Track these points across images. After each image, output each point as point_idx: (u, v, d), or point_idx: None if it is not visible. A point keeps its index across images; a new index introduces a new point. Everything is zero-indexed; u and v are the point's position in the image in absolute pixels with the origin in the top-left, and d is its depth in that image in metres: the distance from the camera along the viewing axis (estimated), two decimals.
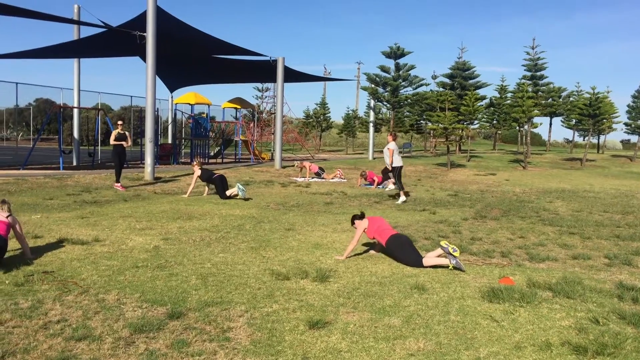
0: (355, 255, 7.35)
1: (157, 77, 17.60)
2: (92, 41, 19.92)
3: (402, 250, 6.88)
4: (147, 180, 16.47)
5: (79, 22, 20.30)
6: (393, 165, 13.89)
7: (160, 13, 16.95)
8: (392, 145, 14.00)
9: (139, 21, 17.20)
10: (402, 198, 13.55)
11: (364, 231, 7.27)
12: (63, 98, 24.69)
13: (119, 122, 14.95)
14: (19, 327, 4.33)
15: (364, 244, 8.01)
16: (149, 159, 16.97)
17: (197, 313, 4.79)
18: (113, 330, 4.34)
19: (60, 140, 21.26)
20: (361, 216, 7.46)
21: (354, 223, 7.48)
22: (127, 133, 14.97)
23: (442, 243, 6.72)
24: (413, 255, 6.82)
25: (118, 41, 19.10)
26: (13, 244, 6.87)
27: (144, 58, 17.58)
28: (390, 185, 13.71)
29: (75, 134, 23.55)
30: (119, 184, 14.57)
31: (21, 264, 6.22)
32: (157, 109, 20.32)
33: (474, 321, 4.78)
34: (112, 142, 14.82)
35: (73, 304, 4.93)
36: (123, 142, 14.80)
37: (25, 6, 14.95)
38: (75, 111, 23.30)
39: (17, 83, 21.50)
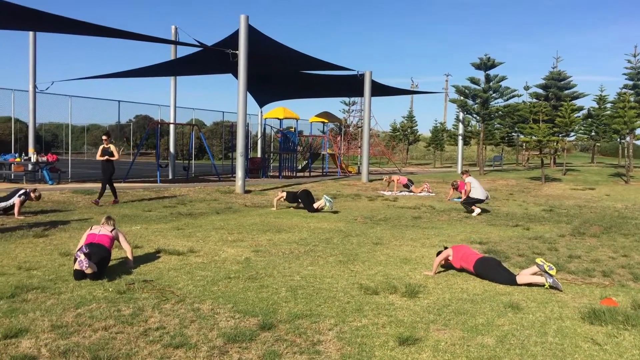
0: (444, 271, 7.20)
1: (247, 92, 18.14)
2: (188, 60, 20.89)
3: (492, 270, 6.67)
4: (238, 193, 16.95)
5: (176, 42, 21.35)
6: (473, 196, 13.90)
7: (251, 31, 17.50)
8: (469, 179, 14.27)
9: (232, 40, 17.84)
10: (477, 210, 13.69)
11: (449, 259, 7.15)
12: (160, 114, 25.97)
13: (104, 137, 14.01)
14: (122, 333, 4.57)
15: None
16: (239, 173, 17.49)
17: (287, 325, 4.86)
18: (208, 339, 4.48)
19: (157, 154, 22.40)
20: (444, 249, 7.36)
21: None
22: (112, 147, 13.92)
23: (538, 260, 6.45)
24: (505, 273, 6.60)
25: (212, 59, 19.92)
26: (117, 253, 7.28)
27: (235, 75, 18.21)
28: (477, 210, 13.68)
29: (171, 149, 24.67)
30: (98, 200, 13.80)
31: (123, 273, 6.57)
32: (248, 123, 20.91)
33: (573, 343, 4.54)
34: (98, 157, 14.04)
35: (170, 312, 5.14)
36: (107, 157, 13.88)
37: (128, 29, 15.89)
38: (172, 127, 24.43)
39: (119, 101, 22.87)
